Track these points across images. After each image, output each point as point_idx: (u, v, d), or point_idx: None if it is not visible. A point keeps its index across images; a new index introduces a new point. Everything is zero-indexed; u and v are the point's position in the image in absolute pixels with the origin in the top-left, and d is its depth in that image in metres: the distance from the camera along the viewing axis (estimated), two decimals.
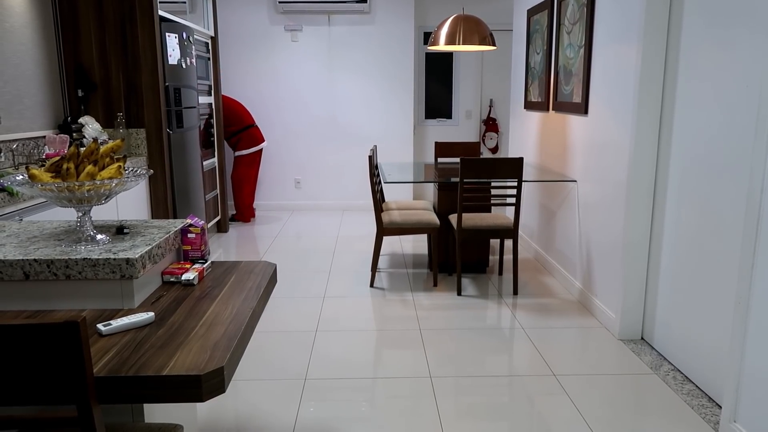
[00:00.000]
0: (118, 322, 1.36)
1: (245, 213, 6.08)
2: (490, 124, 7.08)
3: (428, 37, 6.85)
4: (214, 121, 5.39)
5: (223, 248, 5.08)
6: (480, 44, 4.06)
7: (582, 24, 3.64)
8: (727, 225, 2.41)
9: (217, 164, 5.48)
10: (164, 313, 1.47)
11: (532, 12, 4.68)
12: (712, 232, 2.51)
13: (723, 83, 2.44)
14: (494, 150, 7.16)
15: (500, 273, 4.25)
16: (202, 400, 1.16)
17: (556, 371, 2.78)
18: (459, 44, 4.03)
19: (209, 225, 5.28)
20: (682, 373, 2.76)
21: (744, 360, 2.15)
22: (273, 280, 1.84)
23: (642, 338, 3.15)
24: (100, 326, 1.35)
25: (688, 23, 2.70)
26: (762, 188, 2.08)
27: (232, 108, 5.84)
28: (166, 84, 4.06)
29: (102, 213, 3.35)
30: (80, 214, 1.59)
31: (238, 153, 5.92)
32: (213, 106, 5.38)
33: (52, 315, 1.46)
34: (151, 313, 1.42)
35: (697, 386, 2.63)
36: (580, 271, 3.73)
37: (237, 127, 5.88)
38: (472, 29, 4.03)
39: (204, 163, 5.04)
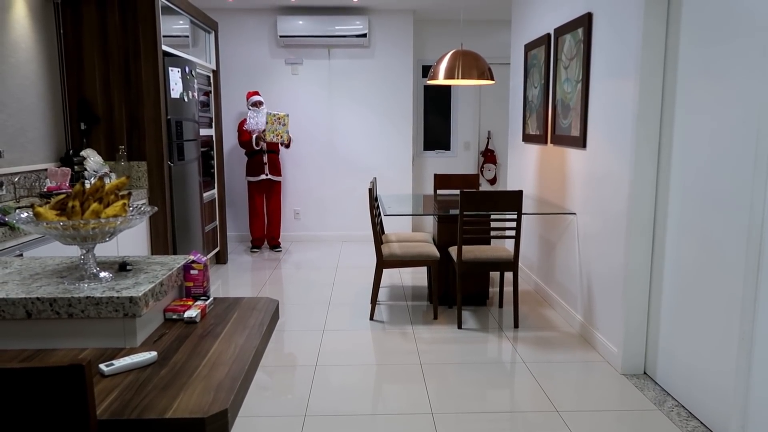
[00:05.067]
0: (120, 362, 1.35)
1: (269, 239, 6.32)
2: (489, 156, 7.14)
3: (427, 71, 6.94)
4: (214, 152, 5.43)
5: (221, 280, 5.06)
6: (479, 79, 4.11)
7: (579, 59, 3.70)
8: (727, 256, 2.42)
9: (216, 195, 5.50)
10: (167, 352, 1.46)
11: (529, 47, 4.76)
12: (713, 264, 2.51)
13: (721, 115, 2.47)
14: (493, 181, 7.19)
15: (500, 305, 4.23)
16: None
17: (558, 407, 2.75)
18: (458, 78, 4.08)
19: (208, 257, 5.27)
20: (686, 409, 2.73)
21: (749, 396, 2.13)
22: (275, 316, 1.83)
23: (645, 372, 3.12)
24: (102, 366, 1.33)
25: (684, 57, 2.74)
26: (762, 222, 2.09)
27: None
28: (168, 117, 4.10)
29: (102, 246, 3.34)
30: (84, 251, 1.59)
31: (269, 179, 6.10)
32: (214, 138, 5.42)
33: (53, 355, 1.44)
34: (154, 353, 1.41)
35: (701, 423, 2.60)
36: (581, 304, 3.71)
37: (272, 149, 6.06)
38: (470, 64, 4.08)
39: (204, 194, 5.05)
